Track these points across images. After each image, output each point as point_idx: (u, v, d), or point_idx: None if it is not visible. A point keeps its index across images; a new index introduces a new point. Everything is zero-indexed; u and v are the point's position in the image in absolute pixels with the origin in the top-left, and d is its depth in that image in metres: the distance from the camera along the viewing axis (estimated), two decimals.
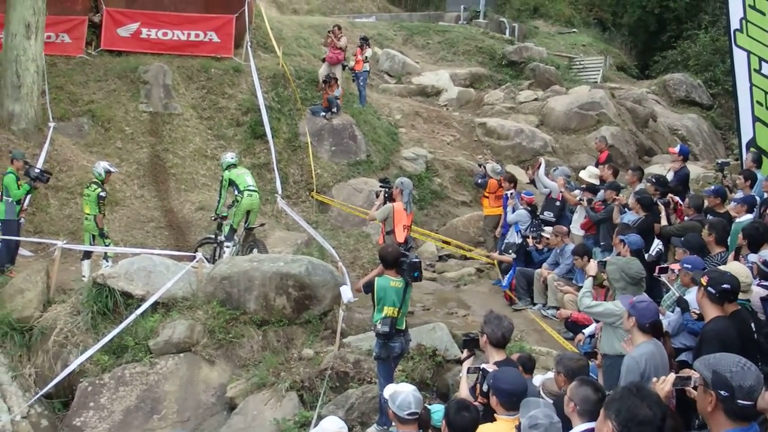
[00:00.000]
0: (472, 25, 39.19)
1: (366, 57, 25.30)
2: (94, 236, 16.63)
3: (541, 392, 8.35)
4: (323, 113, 23.86)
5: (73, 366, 13.64)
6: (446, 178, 24.43)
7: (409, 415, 7.31)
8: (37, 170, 17.45)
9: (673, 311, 10.21)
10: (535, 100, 30.73)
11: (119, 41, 25.17)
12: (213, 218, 17.68)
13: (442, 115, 28.76)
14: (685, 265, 10.41)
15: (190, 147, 22.71)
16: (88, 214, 16.49)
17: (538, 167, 18.45)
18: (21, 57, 20.96)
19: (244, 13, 25.49)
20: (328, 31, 25.67)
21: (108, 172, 16.95)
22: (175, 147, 22.65)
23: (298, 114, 24.02)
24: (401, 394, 7.41)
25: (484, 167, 19.94)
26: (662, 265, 11.30)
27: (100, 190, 16.45)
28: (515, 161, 25.93)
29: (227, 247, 17.06)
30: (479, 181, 19.51)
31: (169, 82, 23.93)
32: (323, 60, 25.32)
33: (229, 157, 17.79)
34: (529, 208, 17.33)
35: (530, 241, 16.54)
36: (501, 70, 34.54)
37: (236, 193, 16.99)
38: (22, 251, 17.79)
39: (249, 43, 25.41)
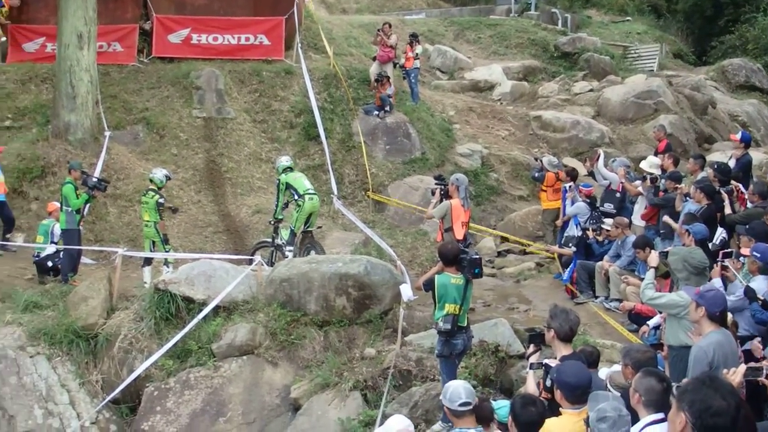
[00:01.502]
0: (524, 18, 38.81)
1: (416, 54, 25.18)
2: (153, 242, 16.75)
3: (608, 385, 8.20)
4: (376, 112, 23.81)
5: (138, 371, 13.73)
6: (502, 173, 24.23)
7: (461, 405, 7.26)
8: (94, 179, 17.61)
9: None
10: (591, 91, 30.32)
11: (170, 48, 25.38)
12: (270, 222, 17.64)
13: (496, 109, 28.54)
14: (755, 253, 10.18)
15: (245, 151, 22.79)
16: (147, 221, 16.61)
17: (597, 159, 18.23)
18: (74, 67, 21.17)
19: (294, 14, 25.55)
20: (378, 30, 25.62)
21: (167, 178, 17.13)
22: (229, 151, 22.74)
23: (351, 114, 23.99)
24: (451, 386, 7.39)
25: (541, 161, 19.75)
26: (726, 250, 11.05)
27: (158, 196, 16.55)
28: (572, 153, 25.69)
29: (289, 251, 16.92)
30: (536, 174, 19.33)
31: (222, 86, 24.04)
32: (374, 59, 25.29)
33: (285, 160, 17.77)
34: (588, 201, 17.13)
35: (590, 233, 16.35)
36: (554, 62, 34.14)
37: (296, 197, 16.87)
38: (83, 260, 18.03)
39: (299, 45, 25.46)
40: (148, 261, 16.84)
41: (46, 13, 24.53)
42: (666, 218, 13.00)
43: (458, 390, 7.28)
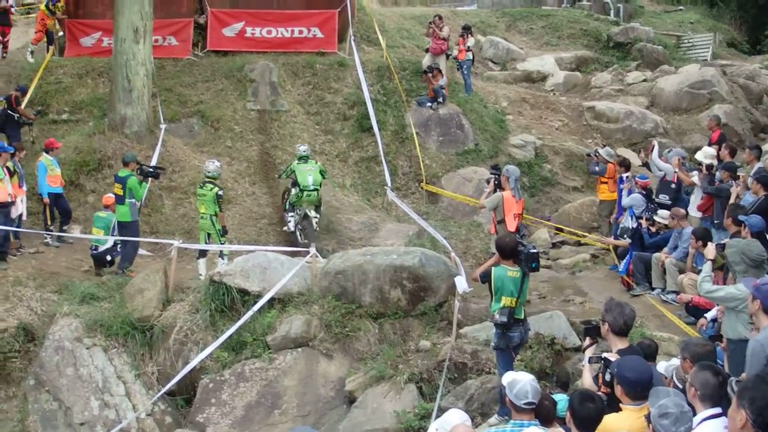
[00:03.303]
0: (576, 8, 38.52)
1: (468, 46, 25.10)
2: (209, 234, 16.86)
3: (674, 379, 8.12)
4: (429, 104, 23.77)
5: (193, 363, 13.87)
6: (556, 164, 24.09)
7: (525, 404, 7.21)
8: (149, 168, 17.86)
9: None
10: (644, 81, 30.03)
11: (225, 41, 25.56)
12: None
13: (549, 100, 28.37)
14: None
15: (298, 143, 22.86)
16: (203, 213, 16.71)
17: (652, 150, 18.05)
18: (131, 61, 21.37)
19: (347, 7, 25.59)
20: (430, 22, 25.56)
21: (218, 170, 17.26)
22: (283, 144, 22.81)
23: (404, 106, 23.96)
24: (519, 382, 7.31)
25: (596, 154, 19.58)
26: None
27: (217, 189, 16.63)
28: (626, 144, 25.48)
29: (291, 217, 19.19)
30: (596, 168, 19.14)
31: (275, 79, 24.12)
32: (426, 51, 25.29)
33: (301, 150, 19.47)
34: (644, 192, 16.96)
35: (644, 222, 16.21)
36: (607, 52, 33.86)
37: (296, 189, 18.79)
38: (140, 251, 18.21)
39: (352, 37, 25.51)
40: (203, 253, 16.92)
41: (102, 8, 24.81)
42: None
43: (525, 388, 7.22)
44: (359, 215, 20.63)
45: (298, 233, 19.18)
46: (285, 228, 19.47)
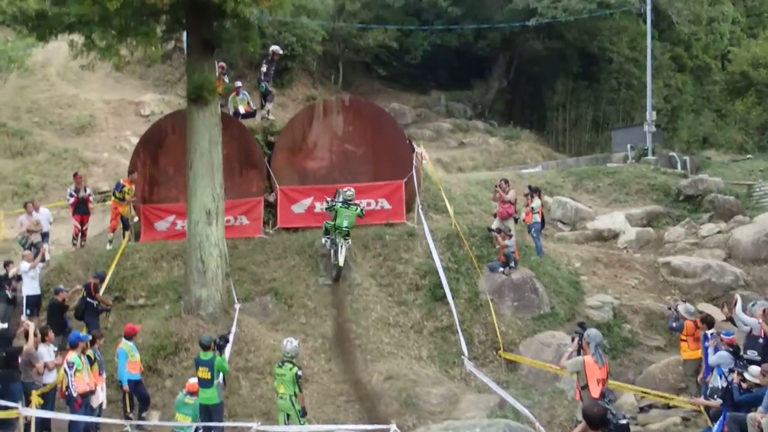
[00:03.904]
0: (641, 163, 38.68)
1: (532, 207, 25.10)
2: (288, 415, 16.63)
3: None
4: (501, 269, 23.63)
5: None
6: (636, 324, 23.56)
7: None
8: (220, 340, 17.91)
9: None
10: (719, 232, 29.62)
11: (294, 218, 25.95)
12: None
13: (622, 258, 28.02)
14: None
15: (373, 316, 22.73)
16: (282, 393, 16.53)
17: (735, 304, 17.67)
18: (204, 243, 21.69)
19: (413, 177, 25.92)
20: (496, 186, 25.71)
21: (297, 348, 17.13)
22: (357, 317, 22.69)
23: (476, 272, 23.84)
24: None
25: (676, 309, 19.21)
26: None
27: (297, 368, 16.49)
28: (706, 299, 24.92)
29: (326, 239, 23.68)
30: (674, 324, 18.78)
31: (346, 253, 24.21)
32: (494, 215, 25.29)
33: (348, 194, 23.70)
34: (731, 349, 16.48)
35: (735, 377, 15.64)
36: (678, 206, 33.63)
37: (333, 224, 23.19)
38: None
39: (420, 206, 25.70)
40: None
41: (176, 192, 25.45)
42: None
43: None
44: (437, 387, 20.23)
45: (332, 252, 23.27)
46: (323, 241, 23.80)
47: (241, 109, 28.32)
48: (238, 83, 29.79)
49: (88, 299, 21.09)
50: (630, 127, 46.28)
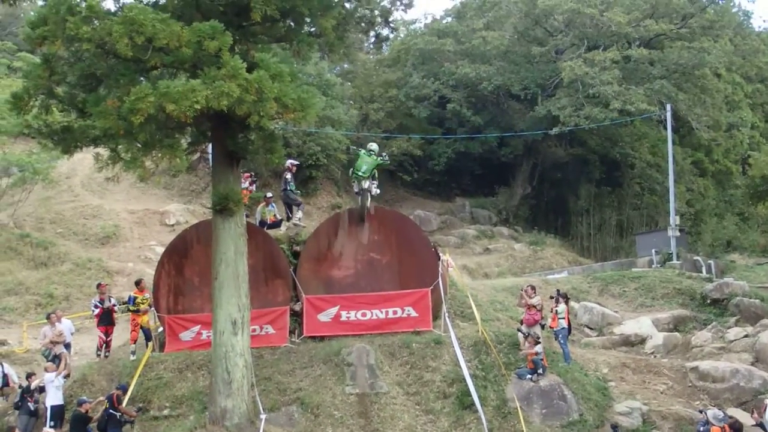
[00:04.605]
0: (666, 268, 38.58)
1: (557, 311, 25.01)
2: None
3: None
4: (529, 376, 23.49)
5: None
6: (665, 430, 23.25)
7: None
8: None
9: None
10: (746, 336, 29.41)
11: (320, 327, 25.89)
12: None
13: (650, 363, 27.76)
14: None
15: (400, 425, 22.51)
16: None
17: (765, 409, 17.49)
18: (230, 353, 21.62)
19: (439, 284, 25.90)
20: (521, 291, 25.67)
21: None
22: (385, 427, 22.47)
23: (504, 379, 23.69)
24: None
25: (706, 414, 18.99)
26: None
27: None
28: (735, 404, 24.64)
29: (354, 184, 27.54)
30: (701, 429, 18.52)
31: (373, 361, 24.13)
32: (521, 322, 25.19)
33: (372, 147, 27.22)
34: None
35: None
36: (704, 310, 33.45)
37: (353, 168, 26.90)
38: None
39: (446, 314, 25.65)
40: None
41: (201, 302, 25.52)
42: None
43: None
44: None
45: (360, 197, 27.04)
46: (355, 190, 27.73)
47: (268, 220, 28.73)
48: (269, 194, 30.18)
49: (110, 411, 21.03)
50: (654, 232, 46.34)
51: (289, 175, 29.67)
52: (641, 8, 51.31)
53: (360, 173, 26.37)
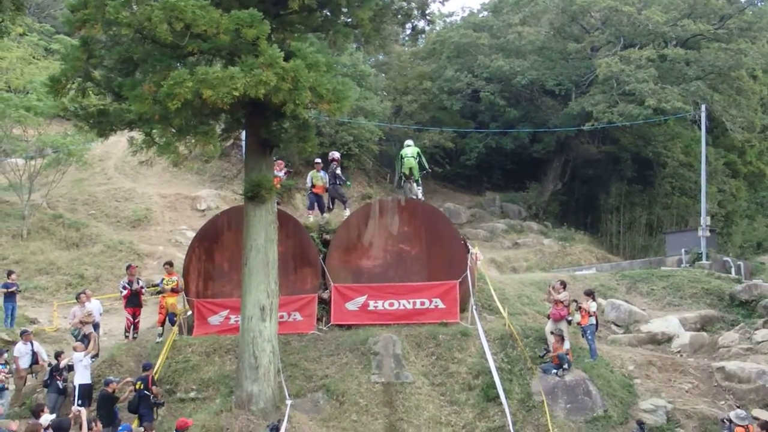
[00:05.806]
0: (695, 268, 38.36)
1: (586, 309, 25.01)
2: None
3: None
4: (555, 371, 23.55)
5: None
6: (689, 429, 23.24)
7: None
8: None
9: None
10: None
11: (348, 315, 26.06)
12: None
13: (676, 362, 27.69)
14: None
15: (425, 415, 22.63)
16: None
17: None
18: (257, 339, 21.80)
19: (467, 277, 25.99)
20: (549, 286, 25.70)
21: None
22: (409, 416, 22.61)
23: (529, 373, 23.76)
24: None
25: (728, 416, 18.99)
26: None
27: None
28: (761, 405, 24.52)
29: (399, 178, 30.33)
30: (724, 431, 18.52)
31: (399, 351, 24.25)
32: (548, 317, 25.23)
33: (408, 143, 30.08)
34: None
35: None
36: (732, 310, 33.25)
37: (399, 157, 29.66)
38: None
39: (474, 307, 25.73)
40: None
41: (230, 288, 25.74)
42: None
43: None
44: None
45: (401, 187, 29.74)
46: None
47: (318, 185, 30.22)
48: (318, 160, 31.04)
49: (145, 391, 21.22)
50: (684, 231, 46.09)
51: (339, 169, 29.96)
52: (679, 8, 51.04)
53: (407, 157, 29.22)
